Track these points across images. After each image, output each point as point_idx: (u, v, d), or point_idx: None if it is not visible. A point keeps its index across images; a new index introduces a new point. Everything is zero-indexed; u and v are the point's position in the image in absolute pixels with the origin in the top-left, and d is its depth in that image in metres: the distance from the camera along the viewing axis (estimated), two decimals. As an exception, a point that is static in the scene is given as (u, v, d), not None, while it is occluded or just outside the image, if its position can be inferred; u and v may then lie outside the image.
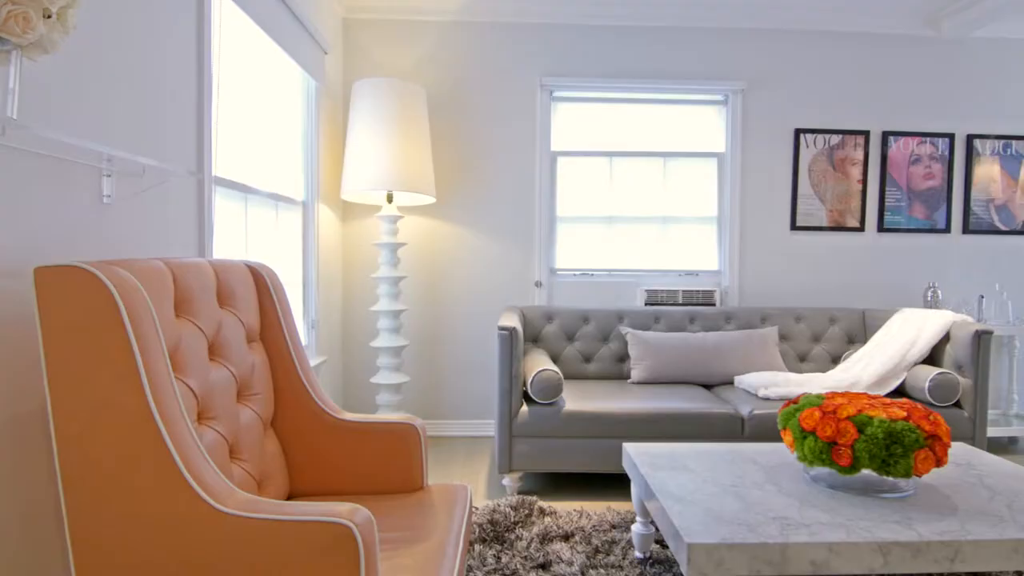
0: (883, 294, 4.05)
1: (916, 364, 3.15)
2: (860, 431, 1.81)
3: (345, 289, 3.92)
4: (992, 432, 3.68)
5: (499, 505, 2.66)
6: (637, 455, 2.22)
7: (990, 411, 4.08)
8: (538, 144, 3.89)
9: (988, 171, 4.07)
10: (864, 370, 3.17)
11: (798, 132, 3.97)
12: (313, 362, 3.32)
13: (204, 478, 1.16)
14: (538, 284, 3.90)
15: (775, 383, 3.09)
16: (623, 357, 3.58)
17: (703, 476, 2.00)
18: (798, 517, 1.70)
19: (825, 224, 4.00)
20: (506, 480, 2.96)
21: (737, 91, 3.94)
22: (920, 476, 1.79)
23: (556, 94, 3.92)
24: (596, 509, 2.78)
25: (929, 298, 3.80)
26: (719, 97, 3.98)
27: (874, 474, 1.85)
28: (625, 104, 3.96)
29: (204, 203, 2.16)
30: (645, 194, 3.97)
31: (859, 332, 3.69)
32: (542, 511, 2.68)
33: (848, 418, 1.84)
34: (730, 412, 2.92)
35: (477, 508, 2.66)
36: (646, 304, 3.88)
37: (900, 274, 4.05)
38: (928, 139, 4.04)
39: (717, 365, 3.39)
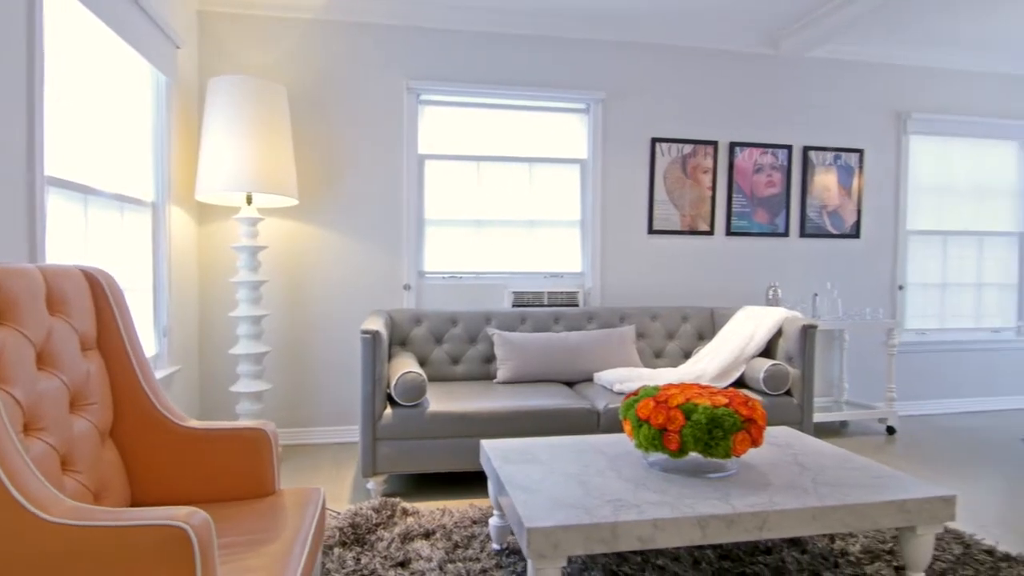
0: (731, 293, 4.39)
1: (754, 357, 3.45)
2: (687, 418, 1.95)
3: (202, 294, 3.70)
4: (825, 417, 4.08)
5: (361, 508, 2.62)
6: (492, 451, 2.26)
7: (824, 398, 4.53)
8: (405, 147, 3.88)
9: (825, 180, 4.52)
10: (709, 363, 3.42)
11: (654, 141, 4.23)
12: (165, 371, 3.11)
13: (29, 489, 1.11)
14: (407, 287, 3.89)
15: (630, 378, 3.27)
16: (490, 358, 3.64)
17: (551, 467, 2.08)
18: (631, 499, 1.81)
19: (679, 228, 4.28)
20: (371, 484, 2.92)
21: (598, 100, 4.13)
22: (739, 456, 1.96)
23: (423, 97, 3.93)
24: (459, 507, 2.81)
25: (770, 296, 4.16)
26: (582, 106, 4.15)
27: (700, 456, 2.01)
28: (492, 110, 4.04)
29: (35, 205, 1.98)
30: (512, 198, 4.06)
31: (708, 329, 3.97)
32: (405, 512, 2.67)
33: (677, 407, 1.99)
34: (587, 407, 3.05)
35: (339, 513, 2.61)
36: (513, 306, 3.97)
37: (745, 274, 4.41)
38: (770, 150, 4.43)
39: (579, 363, 3.53)
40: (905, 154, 4.63)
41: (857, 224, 4.56)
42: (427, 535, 2.46)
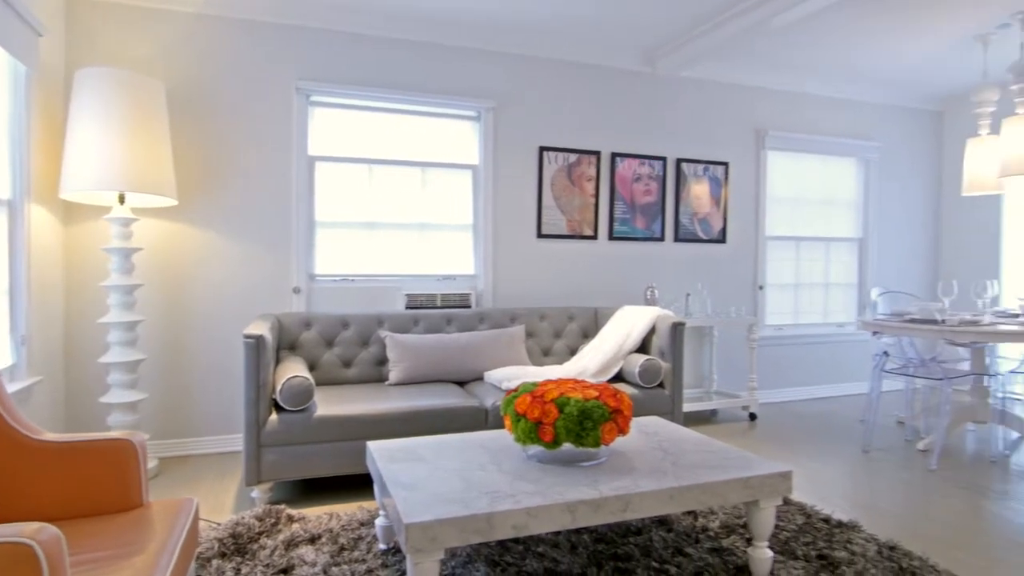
0: (613, 294, 4.66)
1: (631, 353, 3.70)
2: (561, 411, 2.10)
3: (68, 300, 3.47)
4: (697, 407, 4.43)
5: (243, 518, 2.58)
6: (377, 451, 2.32)
7: (696, 390, 4.91)
8: (295, 148, 3.83)
9: (696, 190, 4.90)
10: (591, 360, 3.63)
11: (542, 149, 4.41)
12: (23, 383, 2.90)
13: None
14: (296, 290, 3.83)
15: (517, 376, 3.41)
16: (383, 360, 3.67)
17: (435, 465, 2.16)
18: (508, 490, 1.93)
19: (566, 232, 4.49)
20: (255, 492, 2.87)
21: (489, 109, 4.26)
22: (608, 444, 2.14)
23: (313, 98, 3.89)
24: (348, 510, 2.83)
25: (648, 297, 4.46)
26: (473, 113, 4.27)
27: (573, 447, 2.17)
28: (385, 113, 4.06)
29: None
30: (405, 201, 4.11)
31: (592, 327, 4.21)
32: (290, 518, 2.65)
33: (552, 401, 2.13)
34: (476, 405, 3.16)
35: (219, 524, 2.56)
36: (407, 308, 4.02)
37: (626, 276, 4.70)
38: (647, 161, 4.74)
39: (470, 363, 3.64)
40: (763, 167, 5.11)
41: (723, 230, 4.98)
42: (312, 540, 2.47)
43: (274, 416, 2.87)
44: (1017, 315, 3.86)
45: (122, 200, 3.19)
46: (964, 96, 5.62)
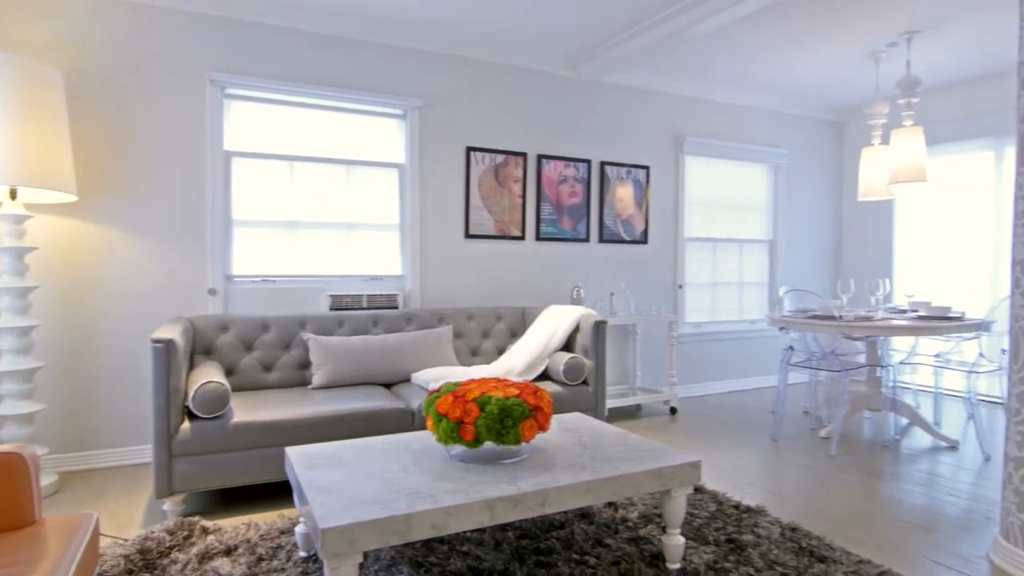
0: (540, 294, 4.73)
1: (556, 351, 3.77)
2: (482, 410, 2.13)
3: (-46, 303, 3.21)
4: (622, 402, 4.56)
5: (153, 532, 2.47)
6: (296, 457, 2.27)
7: (620, 386, 5.05)
8: (209, 142, 3.69)
9: (619, 192, 5.04)
10: (517, 359, 3.68)
11: (469, 150, 4.43)
12: (-101, 395, 2.67)
13: None
14: (212, 292, 3.69)
15: (445, 377, 3.42)
16: (306, 364, 3.59)
17: (356, 468, 2.14)
18: (428, 490, 1.93)
19: (493, 233, 4.53)
20: (167, 504, 2.75)
21: (415, 107, 4.24)
22: (529, 441, 2.18)
23: (230, 91, 3.76)
24: (268, 519, 2.76)
25: (574, 296, 4.55)
26: (399, 111, 4.23)
27: (494, 445, 2.20)
28: (307, 109, 3.97)
29: None
30: (329, 200, 4.03)
31: (520, 327, 4.26)
32: (205, 530, 2.56)
33: (473, 400, 2.15)
34: (402, 407, 3.15)
35: (126, 540, 2.44)
36: (331, 309, 3.94)
37: (553, 276, 4.78)
38: (572, 163, 4.84)
39: (397, 364, 3.61)
40: (682, 172, 5.31)
41: (645, 232, 5.15)
42: (229, 552, 2.39)
43: (187, 424, 2.76)
44: (905, 311, 4.18)
45: (13, 196, 2.99)
46: (860, 108, 6.03)
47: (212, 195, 3.69)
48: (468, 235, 4.44)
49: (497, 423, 2.10)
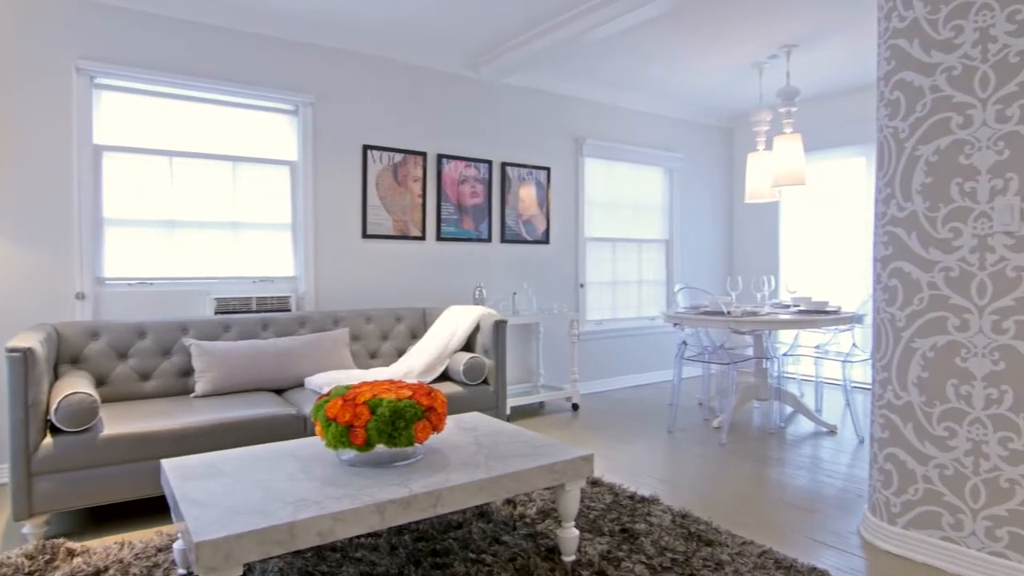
0: (442, 294, 4.69)
1: (457, 351, 3.74)
2: (373, 413, 2.07)
3: None
4: (525, 400, 4.59)
5: (9, 557, 2.23)
6: (172, 469, 2.12)
7: (524, 384, 5.09)
8: (76, 135, 3.39)
9: (523, 193, 5.07)
10: (417, 360, 3.62)
11: (366, 148, 4.32)
12: None
13: None
14: (80, 296, 3.39)
15: (340, 380, 3.31)
16: (188, 371, 3.37)
17: (237, 478, 2.02)
18: (314, 496, 1.85)
19: (392, 233, 4.44)
20: (27, 527, 2.50)
21: (307, 103, 4.09)
22: (422, 442, 2.14)
23: (99, 81, 3.47)
24: (145, 536, 2.56)
25: (476, 296, 4.54)
26: (290, 107, 4.07)
27: (386, 448, 2.14)
28: (189, 102, 3.73)
29: None
30: (213, 198, 3.81)
31: (420, 328, 4.20)
32: (71, 552, 2.34)
33: (364, 403, 2.09)
34: (293, 413, 3.01)
35: (-28, 571, 2.18)
36: (216, 313, 3.72)
37: (455, 277, 4.75)
38: (473, 164, 4.83)
39: (289, 369, 3.46)
40: (582, 173, 5.43)
41: (547, 232, 5.23)
42: (98, 573, 2.20)
43: (49, 439, 2.51)
44: (788, 306, 4.46)
45: None
46: (746, 116, 6.40)
47: (80, 192, 3.39)
48: (366, 235, 4.33)
49: (389, 425, 2.04)
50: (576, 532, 2.27)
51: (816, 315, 3.93)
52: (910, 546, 2.40)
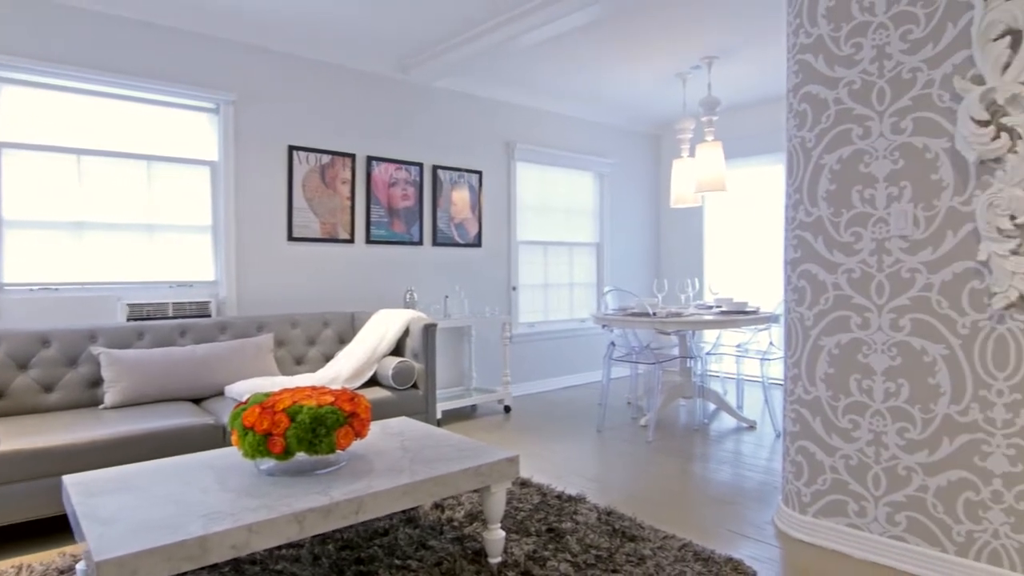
0: (372, 298, 4.62)
1: (386, 355, 3.70)
2: (292, 420, 2.01)
3: None
4: (457, 404, 4.58)
5: None
6: (74, 486, 1.99)
7: (456, 388, 5.07)
8: (-31, 130, 3.15)
9: (455, 196, 5.06)
10: (344, 365, 3.55)
11: (292, 149, 4.21)
12: None
13: None
14: (-26, 303, 3.16)
15: (262, 388, 3.20)
16: (97, 381, 3.18)
17: (146, 492, 1.92)
18: (229, 508, 1.79)
19: (320, 236, 4.34)
20: (-93, 556, 2.30)
21: (229, 102, 3.95)
22: (344, 449, 2.09)
23: (0, 75, 3.25)
24: (47, 558, 2.40)
25: (407, 300, 4.49)
26: (210, 105, 3.92)
27: (307, 456, 2.09)
28: (100, 98, 3.54)
29: None
30: (126, 199, 3.62)
31: (349, 333, 4.12)
32: (-42, 582, 2.17)
33: (283, 410, 2.03)
34: (211, 423, 2.90)
35: None
36: (129, 319, 3.54)
37: (385, 280, 4.69)
38: (404, 166, 4.78)
39: (208, 377, 3.32)
40: (514, 177, 5.47)
41: (479, 235, 5.23)
42: (-10, 600, 2.05)
43: (-67, 458, 2.32)
44: (711, 307, 4.63)
45: None
46: (672, 123, 6.61)
47: (-26, 190, 3.15)
48: (292, 238, 4.21)
49: (309, 433, 1.99)
50: (502, 534, 2.28)
51: (736, 315, 4.09)
52: (820, 534, 2.53)
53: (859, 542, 2.42)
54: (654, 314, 4.10)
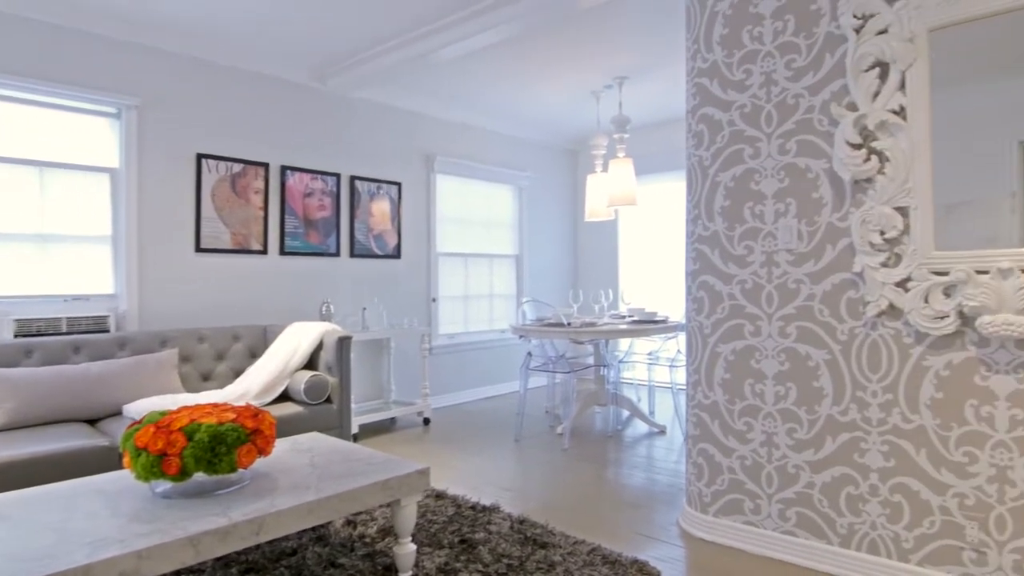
0: (286, 311, 4.50)
1: (298, 370, 3.61)
2: (190, 439, 1.94)
3: None
4: (376, 417, 4.51)
5: None
6: (-59, 517, 1.84)
7: (375, 401, 5.00)
8: None
9: (371, 207, 5.01)
10: (254, 381, 3.44)
11: (200, 156, 4.06)
12: None
13: None
14: None
15: (164, 406, 3.06)
16: (-24, 402, 2.95)
17: (23, 522, 1.80)
18: (118, 535, 1.70)
19: (230, 247, 4.20)
20: None
21: (132, 107, 3.77)
22: (246, 468, 2.03)
23: None
24: (-91, 600, 2.19)
25: (323, 312, 4.40)
26: (111, 110, 3.73)
27: (206, 476, 2.01)
28: (-19, 99, 3.30)
29: None
30: (14, 207, 3.39)
31: (261, 346, 3.99)
32: None
33: (180, 429, 1.95)
34: (106, 445, 2.74)
35: None
36: (16, 336, 3.30)
37: (300, 292, 4.58)
38: (320, 176, 4.70)
39: (105, 396, 3.14)
40: (433, 189, 5.48)
41: (398, 246, 5.20)
42: None
43: None
44: (624, 316, 4.79)
45: None
46: (587, 139, 6.80)
47: None
48: (200, 249, 4.05)
49: (207, 452, 1.92)
50: (412, 547, 2.27)
51: (647, 325, 4.25)
52: (720, 532, 2.66)
53: (755, 538, 2.56)
54: (569, 324, 4.20)
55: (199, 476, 2.03)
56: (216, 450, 1.94)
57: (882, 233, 2.25)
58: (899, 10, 2.20)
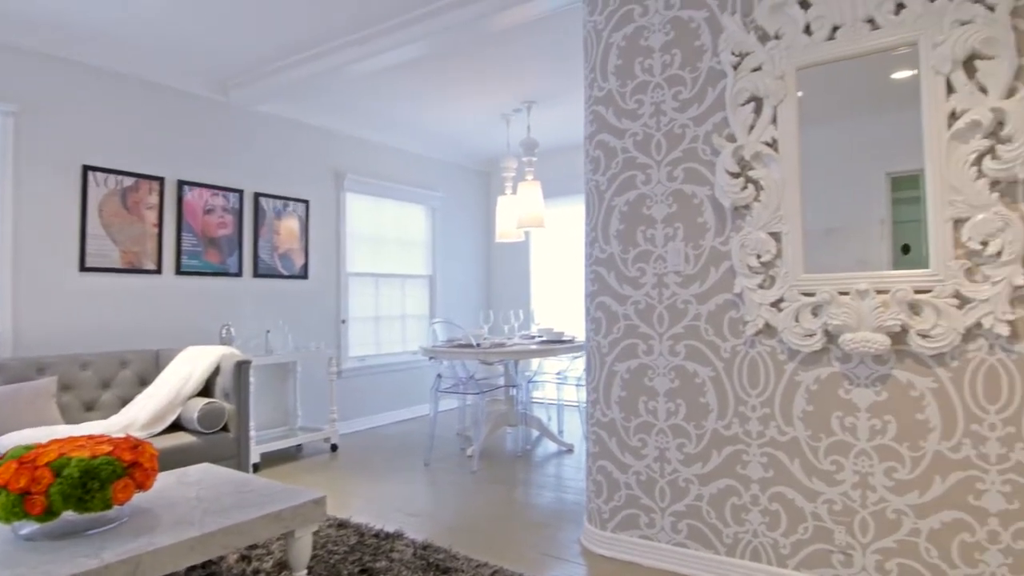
0: (183, 334, 4.28)
1: (192, 397, 3.44)
2: (57, 475, 1.81)
3: None
4: (281, 444, 4.34)
5: None
6: None
7: (280, 428, 4.82)
8: None
9: (276, 225, 4.86)
10: (142, 410, 3.25)
11: (87, 168, 3.82)
12: None
13: None
14: None
15: (38, 439, 2.83)
16: None
17: None
18: (-33, 585, 1.56)
19: (120, 266, 3.96)
20: None
21: (7, 113, 3.51)
22: (123, 504, 1.92)
23: None
24: None
25: (223, 335, 4.22)
26: (-19, 119, 3.46)
27: (76, 514, 1.88)
28: None
29: None
30: None
31: (153, 372, 3.77)
32: None
33: (46, 464, 1.82)
34: (-35, 483, 2.50)
35: None
36: None
37: (199, 314, 4.37)
38: (221, 192, 4.53)
39: (-34, 430, 2.87)
40: (343, 208, 5.40)
41: (305, 266, 5.08)
42: None
43: None
44: (534, 336, 4.86)
45: None
46: (499, 161, 6.92)
47: None
48: (85, 268, 3.80)
49: (78, 488, 1.80)
50: (306, 579, 2.20)
51: (554, 344, 4.34)
52: (618, 547, 2.73)
53: (650, 552, 2.65)
54: (479, 345, 4.22)
55: (69, 515, 1.89)
56: (88, 486, 1.82)
57: (758, 256, 2.41)
58: (771, 50, 2.39)
